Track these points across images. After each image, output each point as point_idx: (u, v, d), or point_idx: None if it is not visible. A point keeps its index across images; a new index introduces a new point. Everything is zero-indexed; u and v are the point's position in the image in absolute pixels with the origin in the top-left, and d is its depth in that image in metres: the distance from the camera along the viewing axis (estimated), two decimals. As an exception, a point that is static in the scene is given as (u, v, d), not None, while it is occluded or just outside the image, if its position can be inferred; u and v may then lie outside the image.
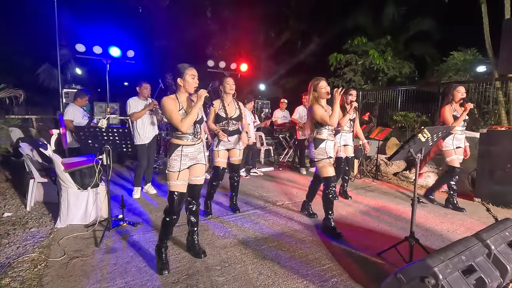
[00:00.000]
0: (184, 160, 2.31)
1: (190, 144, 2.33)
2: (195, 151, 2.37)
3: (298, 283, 2.17)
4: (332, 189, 3.02)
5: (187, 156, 2.33)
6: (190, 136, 2.32)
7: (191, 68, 2.28)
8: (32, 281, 2.13)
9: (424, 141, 2.33)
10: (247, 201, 4.09)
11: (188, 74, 2.25)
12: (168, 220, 2.31)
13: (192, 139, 2.34)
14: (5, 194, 4.07)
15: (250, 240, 2.84)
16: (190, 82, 2.26)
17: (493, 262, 1.87)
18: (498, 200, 4.01)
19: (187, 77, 2.25)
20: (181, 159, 2.29)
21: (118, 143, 2.81)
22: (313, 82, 3.05)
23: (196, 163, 2.41)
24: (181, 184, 2.31)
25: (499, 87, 5.95)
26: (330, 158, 3.03)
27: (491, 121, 6.13)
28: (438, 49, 9.86)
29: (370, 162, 6.25)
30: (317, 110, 2.97)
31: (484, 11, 6.21)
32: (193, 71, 2.28)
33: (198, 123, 2.35)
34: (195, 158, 2.39)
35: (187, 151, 2.32)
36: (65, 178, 3.02)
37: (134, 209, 3.64)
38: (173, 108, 2.23)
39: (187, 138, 2.31)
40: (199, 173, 2.44)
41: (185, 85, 2.26)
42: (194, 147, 2.36)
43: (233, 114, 3.34)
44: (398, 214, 3.68)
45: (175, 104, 2.25)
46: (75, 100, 4.50)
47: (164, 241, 2.36)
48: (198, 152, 2.41)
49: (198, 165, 2.42)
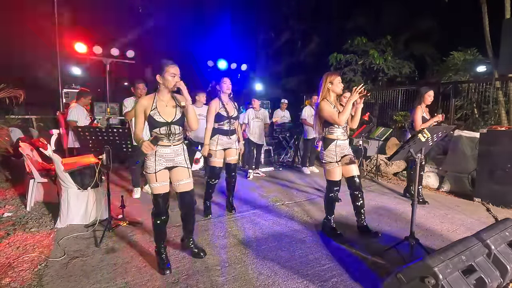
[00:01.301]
0: (159, 161, 2.24)
1: (165, 145, 2.26)
2: (171, 152, 2.28)
3: (298, 283, 2.17)
4: (336, 192, 2.92)
5: (162, 157, 2.26)
6: (165, 137, 2.25)
7: (173, 65, 2.19)
8: (32, 281, 2.13)
9: (424, 141, 2.33)
10: (247, 201, 4.09)
11: (168, 71, 2.17)
12: (158, 222, 2.29)
13: (167, 140, 2.26)
14: (5, 194, 4.07)
15: (250, 240, 2.84)
16: (169, 80, 2.18)
17: (493, 262, 1.87)
18: (498, 200, 4.00)
19: (166, 74, 2.18)
20: (155, 159, 2.23)
21: (118, 143, 2.81)
22: (330, 75, 2.82)
23: (175, 166, 2.33)
24: (161, 185, 2.26)
25: (499, 87, 5.95)
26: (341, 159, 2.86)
27: (491, 121, 6.13)
28: (438, 49, 9.86)
29: (370, 162, 6.25)
30: (324, 106, 2.77)
31: (484, 11, 6.21)
32: (174, 69, 2.19)
33: (175, 124, 2.26)
34: (172, 160, 2.30)
35: (162, 151, 2.25)
36: (65, 178, 3.02)
37: (134, 209, 3.64)
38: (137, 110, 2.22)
39: (162, 139, 2.24)
40: (181, 176, 2.34)
41: (164, 83, 2.20)
42: (170, 148, 2.28)
43: (233, 113, 3.38)
44: (398, 214, 3.68)
45: (146, 105, 2.21)
46: (79, 100, 4.47)
47: (161, 242, 2.34)
48: (176, 154, 2.31)
49: (178, 169, 2.33)
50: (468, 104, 6.76)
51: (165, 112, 2.24)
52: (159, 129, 2.23)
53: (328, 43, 10.82)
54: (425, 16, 9.65)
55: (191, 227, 2.50)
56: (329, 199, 2.96)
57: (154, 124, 2.22)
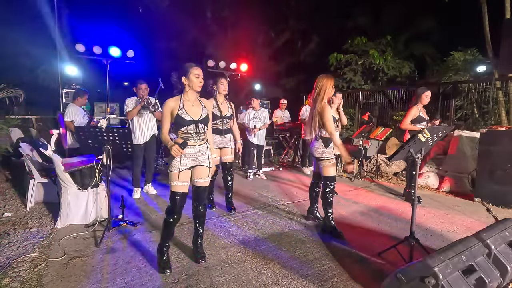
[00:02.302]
0: (184, 161, 2.29)
1: (191, 145, 2.31)
2: (196, 152, 2.34)
3: (298, 283, 2.17)
4: (332, 188, 3.02)
5: (188, 157, 2.31)
6: (192, 137, 2.31)
7: (197, 67, 2.29)
8: (32, 281, 2.13)
9: (424, 141, 2.33)
10: (247, 201, 4.09)
11: (193, 73, 2.26)
12: (170, 220, 2.31)
13: (194, 139, 2.32)
14: (5, 194, 4.07)
15: (250, 240, 2.84)
16: (194, 81, 2.27)
17: (493, 262, 1.87)
18: (498, 200, 4.00)
19: (191, 76, 2.27)
20: (181, 159, 2.28)
21: (118, 143, 2.81)
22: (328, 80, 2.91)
23: (198, 165, 2.38)
24: (182, 185, 2.30)
25: (499, 87, 5.95)
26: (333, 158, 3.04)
27: (491, 121, 6.13)
28: (438, 49, 9.86)
29: (370, 162, 6.25)
30: (327, 113, 2.89)
31: (484, 11, 6.21)
32: (198, 71, 2.29)
33: (201, 122, 2.33)
34: (196, 159, 2.36)
35: (187, 151, 2.29)
36: (65, 178, 3.02)
37: (134, 209, 3.64)
38: (165, 112, 2.29)
39: (189, 139, 2.30)
40: (202, 175, 2.40)
41: (189, 84, 2.28)
42: (195, 148, 2.33)
43: (227, 113, 3.50)
44: (398, 214, 3.68)
45: (173, 106, 2.28)
46: (75, 99, 4.49)
47: (166, 240, 2.37)
48: (200, 154, 2.37)
49: (200, 167, 2.39)
50: (468, 104, 6.76)
51: (192, 111, 2.32)
52: (186, 128, 2.29)
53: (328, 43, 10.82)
54: (425, 16, 9.65)
55: (202, 222, 2.50)
56: (326, 194, 3.04)
57: (182, 123, 2.28)
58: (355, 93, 8.79)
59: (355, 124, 8.53)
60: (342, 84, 9.64)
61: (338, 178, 5.39)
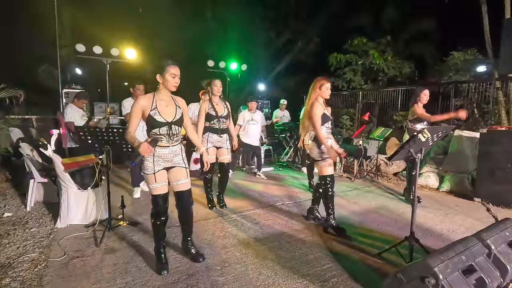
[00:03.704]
0: (157, 162, 2.23)
1: (164, 146, 2.24)
2: (169, 153, 2.27)
3: (298, 283, 2.17)
4: (329, 187, 3.03)
5: (161, 158, 2.24)
6: (165, 137, 2.23)
7: (174, 66, 2.19)
8: (32, 281, 2.13)
9: (424, 141, 2.33)
10: (247, 201, 4.08)
11: (169, 72, 2.17)
12: (158, 222, 2.28)
13: (167, 140, 2.24)
14: (5, 194, 4.06)
15: (250, 240, 2.84)
16: (169, 81, 2.18)
17: (493, 262, 1.87)
18: (498, 200, 4.00)
19: (167, 75, 2.17)
20: (154, 160, 2.21)
21: (118, 143, 2.81)
22: (320, 81, 3.03)
23: (173, 166, 2.31)
24: (161, 186, 2.25)
25: (499, 87, 5.95)
26: None
27: (491, 121, 6.13)
28: (438, 49, 9.86)
29: (370, 162, 6.25)
30: (316, 109, 2.95)
31: (484, 11, 6.21)
32: (175, 70, 2.19)
33: (175, 124, 2.25)
34: (170, 160, 2.29)
35: (160, 152, 2.23)
36: (65, 178, 3.02)
37: (134, 209, 3.64)
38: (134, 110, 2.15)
39: (161, 139, 2.21)
40: (179, 176, 2.33)
41: (164, 83, 2.19)
42: (168, 149, 2.26)
43: (223, 113, 3.56)
44: (398, 214, 3.68)
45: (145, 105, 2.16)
46: (74, 101, 4.49)
47: (160, 242, 2.34)
48: (174, 155, 2.30)
49: (177, 168, 2.33)
50: (468, 104, 6.76)
51: (166, 112, 2.22)
52: (159, 129, 2.20)
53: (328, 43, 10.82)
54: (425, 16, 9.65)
55: (189, 227, 2.48)
56: (325, 193, 3.06)
57: (154, 124, 2.18)
58: (355, 93, 8.79)
59: (355, 124, 8.53)
60: (342, 84, 9.64)
61: (338, 178, 5.41)
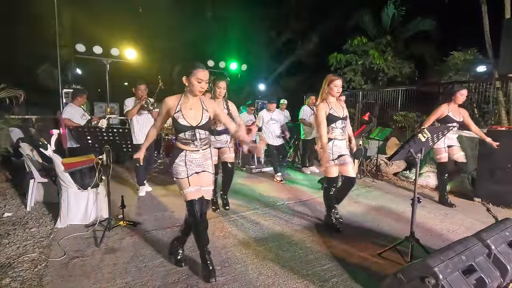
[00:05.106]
0: (190, 166, 2.14)
1: (193, 150, 2.15)
2: (200, 157, 2.19)
3: (298, 283, 2.17)
4: (333, 188, 3.06)
5: (192, 163, 2.16)
6: (192, 142, 2.14)
7: (203, 70, 2.04)
8: (32, 281, 2.13)
9: (424, 141, 2.33)
10: (247, 201, 4.08)
11: (195, 76, 2.03)
12: (199, 228, 2.13)
13: (194, 145, 2.15)
14: (5, 194, 4.06)
15: (250, 240, 2.84)
16: (195, 85, 2.04)
17: (493, 262, 1.87)
18: (498, 200, 4.00)
19: (193, 79, 2.04)
20: (186, 164, 2.13)
21: (118, 143, 2.81)
22: (330, 78, 3.01)
23: (203, 171, 2.23)
24: (196, 190, 2.12)
25: (499, 87, 5.95)
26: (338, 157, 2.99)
27: (491, 121, 6.13)
28: (438, 49, 9.86)
29: (370, 162, 6.25)
30: (320, 111, 2.95)
31: (484, 11, 6.21)
32: (203, 75, 2.04)
33: (201, 128, 2.14)
34: (201, 165, 2.21)
35: (191, 157, 2.15)
36: (65, 178, 3.02)
37: (134, 209, 3.64)
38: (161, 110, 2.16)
39: (189, 144, 2.14)
40: (205, 182, 2.23)
41: (189, 87, 2.07)
42: (199, 153, 2.18)
43: None
44: (398, 214, 3.68)
45: (170, 106, 2.10)
46: (74, 99, 4.50)
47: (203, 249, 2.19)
48: (205, 159, 2.23)
49: (205, 173, 2.24)
50: (468, 104, 6.75)
51: (190, 116, 2.11)
52: (184, 134, 2.11)
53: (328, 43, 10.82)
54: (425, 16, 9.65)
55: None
56: (326, 195, 3.10)
57: (178, 128, 2.10)
58: (355, 93, 8.78)
59: (355, 124, 8.53)
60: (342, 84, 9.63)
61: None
